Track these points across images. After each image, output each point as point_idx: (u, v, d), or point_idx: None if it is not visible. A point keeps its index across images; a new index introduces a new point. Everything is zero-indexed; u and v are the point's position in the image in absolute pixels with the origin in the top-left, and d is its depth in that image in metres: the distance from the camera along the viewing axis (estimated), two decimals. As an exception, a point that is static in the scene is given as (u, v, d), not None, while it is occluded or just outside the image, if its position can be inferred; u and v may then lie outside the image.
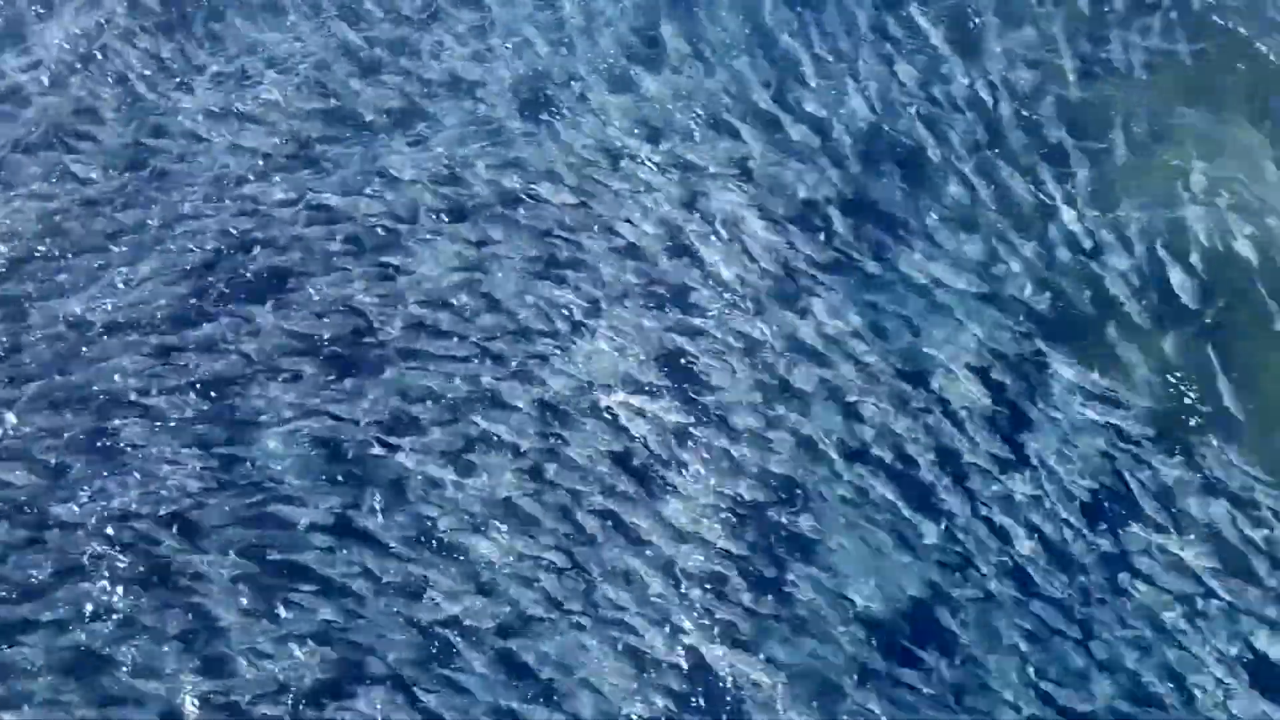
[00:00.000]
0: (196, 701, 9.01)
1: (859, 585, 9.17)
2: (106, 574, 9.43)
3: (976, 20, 11.25)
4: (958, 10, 11.35)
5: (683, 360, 9.97)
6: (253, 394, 10.03)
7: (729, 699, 8.93)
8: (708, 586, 9.21)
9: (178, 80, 11.74)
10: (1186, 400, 9.62)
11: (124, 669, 9.18)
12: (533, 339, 10.10)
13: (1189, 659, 8.84)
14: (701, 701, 8.95)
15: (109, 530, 9.58)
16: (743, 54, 11.32)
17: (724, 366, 9.90)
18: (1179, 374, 9.70)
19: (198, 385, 10.11)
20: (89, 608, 9.36)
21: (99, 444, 9.94)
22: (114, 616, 9.32)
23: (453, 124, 11.18)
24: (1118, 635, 8.94)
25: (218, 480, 9.73)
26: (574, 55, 11.42)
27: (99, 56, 11.94)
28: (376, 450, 9.76)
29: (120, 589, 9.39)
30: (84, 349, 10.35)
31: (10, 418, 10.03)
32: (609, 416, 9.76)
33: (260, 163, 11.13)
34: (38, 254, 10.83)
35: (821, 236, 10.32)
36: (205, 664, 9.16)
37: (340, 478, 9.70)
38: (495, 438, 9.74)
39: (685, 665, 9.03)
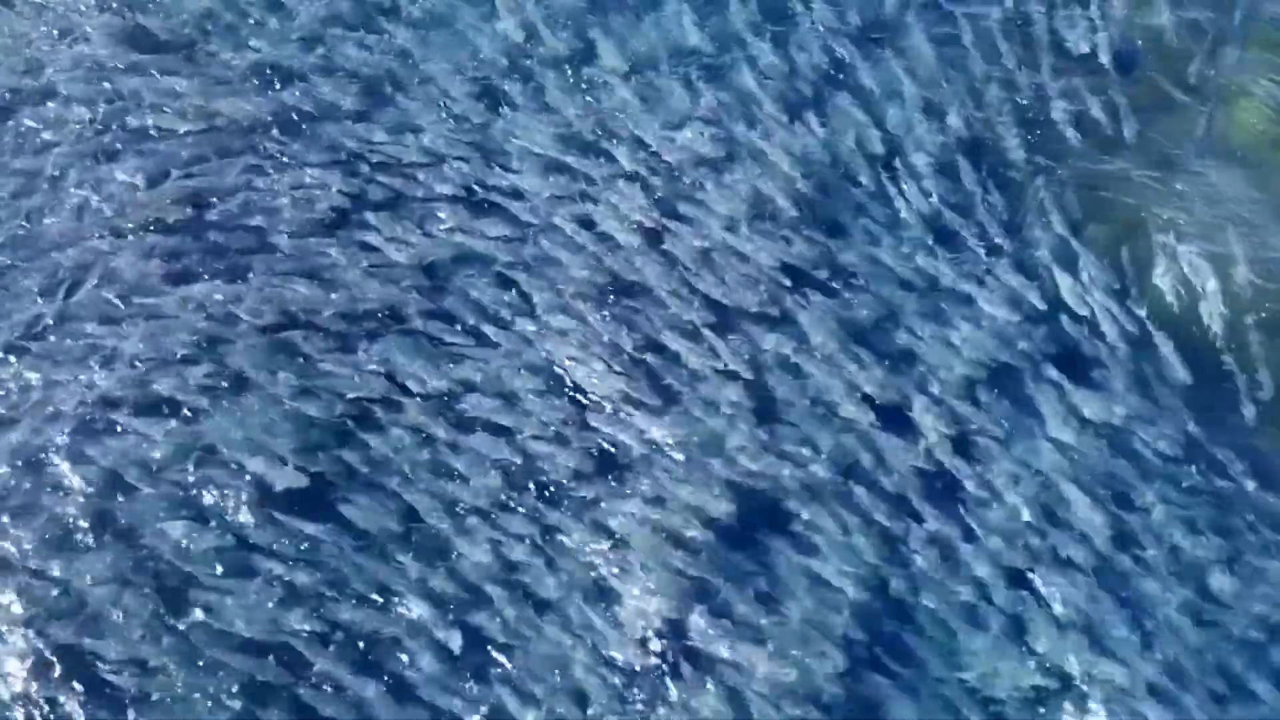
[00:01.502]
0: (164, 660, 8.96)
1: (846, 583, 9.18)
2: (86, 535, 9.40)
3: (931, 60, 11.55)
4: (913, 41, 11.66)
5: (655, 363, 10.01)
6: (232, 367, 9.95)
7: (709, 699, 8.89)
8: (685, 590, 9.18)
9: (145, 53, 11.58)
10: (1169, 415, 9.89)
11: (100, 623, 9.11)
12: (508, 332, 10.14)
13: (1191, 667, 8.98)
14: (680, 701, 8.92)
15: (87, 492, 9.52)
16: (709, 67, 11.47)
17: (701, 370, 9.97)
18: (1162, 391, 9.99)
19: (177, 354, 10.02)
20: (68, 567, 9.29)
21: (77, 409, 9.81)
22: (92, 575, 9.24)
23: (419, 111, 11.20)
24: (1115, 635, 9.04)
25: (195, 450, 9.64)
26: (534, 54, 11.52)
27: (59, 29, 11.78)
28: (357, 428, 9.74)
29: (98, 548, 9.34)
30: (62, 320, 10.24)
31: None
32: (583, 414, 9.78)
33: (232, 137, 11.06)
34: (12, 223, 10.72)
35: (794, 249, 10.43)
36: (175, 628, 9.10)
37: (320, 454, 9.64)
38: (473, 425, 9.75)
39: (661, 665, 9.00)
